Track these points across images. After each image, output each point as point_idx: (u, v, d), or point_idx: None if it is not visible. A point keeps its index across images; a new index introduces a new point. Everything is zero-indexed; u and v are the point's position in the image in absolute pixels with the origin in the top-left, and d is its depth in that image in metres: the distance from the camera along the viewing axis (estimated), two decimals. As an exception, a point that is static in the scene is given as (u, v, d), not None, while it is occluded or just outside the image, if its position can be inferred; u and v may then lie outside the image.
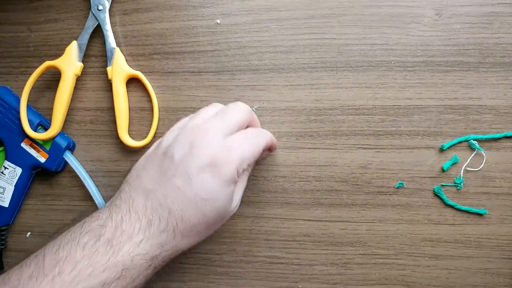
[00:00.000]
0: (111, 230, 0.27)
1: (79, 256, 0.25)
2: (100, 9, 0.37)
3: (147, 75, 0.38)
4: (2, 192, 0.38)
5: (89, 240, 0.26)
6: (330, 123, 0.36)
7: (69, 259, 0.25)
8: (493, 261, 0.36)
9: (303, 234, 0.37)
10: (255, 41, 0.37)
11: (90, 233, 0.27)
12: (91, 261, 0.25)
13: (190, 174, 0.28)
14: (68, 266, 0.25)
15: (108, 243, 0.26)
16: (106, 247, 0.26)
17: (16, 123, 0.37)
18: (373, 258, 0.36)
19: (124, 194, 0.30)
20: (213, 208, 0.29)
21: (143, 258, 0.27)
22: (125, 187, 0.30)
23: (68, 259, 0.25)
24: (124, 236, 0.27)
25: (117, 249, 0.26)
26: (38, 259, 0.26)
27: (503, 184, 0.35)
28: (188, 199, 0.28)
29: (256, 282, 0.38)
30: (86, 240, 0.26)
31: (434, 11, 0.35)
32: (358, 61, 0.36)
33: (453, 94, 0.35)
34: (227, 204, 0.29)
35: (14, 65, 0.39)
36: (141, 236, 0.27)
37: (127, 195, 0.29)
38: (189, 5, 0.37)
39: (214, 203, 0.28)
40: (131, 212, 0.28)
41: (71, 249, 0.26)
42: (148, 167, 0.30)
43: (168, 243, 0.28)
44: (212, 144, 0.29)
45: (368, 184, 0.36)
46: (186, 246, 0.30)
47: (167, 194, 0.28)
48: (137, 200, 0.29)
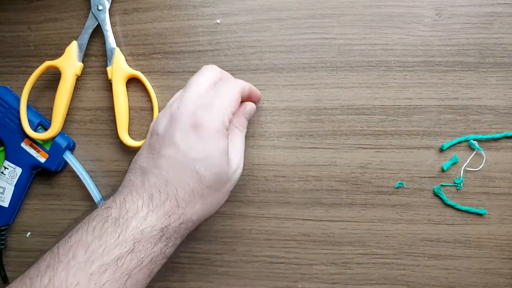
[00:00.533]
0: (116, 211, 0.28)
1: (90, 239, 0.26)
2: (100, 9, 0.37)
3: (147, 75, 0.38)
4: (2, 192, 0.38)
5: (97, 223, 0.27)
6: (330, 123, 0.36)
7: (81, 243, 0.26)
8: (493, 261, 0.36)
9: (303, 234, 0.37)
10: (255, 41, 0.37)
11: (97, 218, 0.28)
12: (101, 241, 0.26)
13: (176, 140, 0.29)
14: (81, 250, 0.26)
15: (116, 221, 0.27)
16: (114, 226, 0.27)
17: (16, 123, 0.37)
18: (373, 258, 0.37)
19: (125, 181, 0.31)
20: (207, 167, 0.29)
21: (152, 230, 0.27)
22: (125, 176, 0.31)
23: (80, 243, 0.26)
24: (130, 213, 0.27)
25: (125, 226, 0.27)
26: (52, 251, 0.27)
27: (503, 184, 0.35)
28: (180, 164, 0.29)
29: (256, 282, 0.38)
30: (95, 224, 0.27)
31: (434, 11, 0.35)
32: (358, 61, 0.36)
33: (453, 94, 0.35)
34: (223, 161, 0.30)
35: (14, 64, 0.39)
36: (145, 210, 0.28)
37: (127, 181, 0.30)
38: (189, 4, 0.37)
39: (207, 161, 0.29)
40: (132, 192, 0.29)
41: (81, 234, 0.27)
42: (141, 152, 0.32)
43: (173, 212, 0.29)
44: (188, 108, 0.30)
45: (368, 184, 0.36)
46: (195, 214, 0.30)
47: (160, 166, 0.29)
48: (135, 181, 0.30)
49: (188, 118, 0.29)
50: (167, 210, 0.28)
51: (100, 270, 0.25)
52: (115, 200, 0.29)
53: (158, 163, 0.29)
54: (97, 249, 0.26)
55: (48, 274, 0.25)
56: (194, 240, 0.38)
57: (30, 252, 0.39)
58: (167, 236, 0.28)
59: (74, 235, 0.27)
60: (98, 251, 0.26)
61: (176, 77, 0.38)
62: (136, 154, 0.32)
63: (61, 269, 0.25)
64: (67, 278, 0.24)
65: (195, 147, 0.29)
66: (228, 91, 0.31)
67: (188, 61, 0.37)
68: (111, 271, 0.25)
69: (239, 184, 0.37)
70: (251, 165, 0.37)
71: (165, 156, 0.29)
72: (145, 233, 0.27)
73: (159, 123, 0.31)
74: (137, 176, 0.30)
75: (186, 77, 0.37)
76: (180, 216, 0.29)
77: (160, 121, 0.31)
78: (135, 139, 0.38)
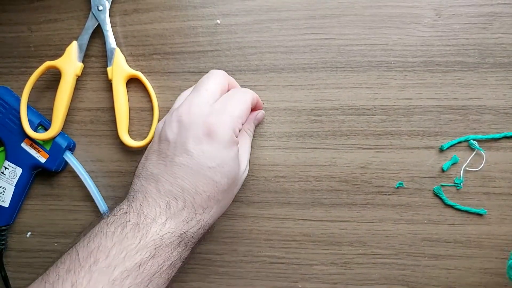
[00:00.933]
0: (135, 216, 0.28)
1: (110, 244, 0.26)
2: (100, 10, 0.37)
3: (147, 75, 0.38)
4: (2, 192, 0.38)
5: (116, 228, 0.27)
6: (330, 123, 0.36)
7: (101, 248, 0.26)
8: (493, 261, 0.36)
9: (303, 234, 0.37)
10: (255, 42, 0.37)
11: (115, 223, 0.27)
12: (122, 246, 0.26)
13: (189, 148, 0.29)
14: (102, 255, 0.26)
15: (135, 227, 0.27)
16: (134, 231, 0.27)
17: (16, 123, 0.37)
18: (373, 258, 0.37)
19: (136, 186, 0.30)
20: (222, 174, 0.29)
21: (171, 236, 0.28)
22: (135, 180, 0.31)
23: (100, 248, 0.26)
24: (148, 219, 0.28)
25: (145, 232, 0.27)
26: (71, 255, 0.26)
27: (503, 184, 0.35)
28: (196, 172, 0.29)
29: (256, 282, 0.38)
30: (113, 229, 0.27)
31: (433, 12, 0.35)
32: (358, 62, 0.36)
33: (452, 94, 0.35)
34: (235, 166, 0.30)
35: (15, 65, 0.39)
36: (164, 217, 0.28)
37: (139, 186, 0.30)
38: (189, 5, 0.37)
39: (221, 169, 0.29)
40: (148, 198, 0.29)
41: (101, 239, 0.26)
42: (149, 157, 0.31)
43: (191, 219, 0.29)
44: (200, 115, 0.29)
45: (368, 184, 0.36)
46: (211, 218, 0.30)
47: (174, 174, 0.29)
48: (149, 187, 0.29)
49: (201, 125, 0.29)
50: (185, 217, 0.29)
51: (122, 276, 0.25)
52: (131, 206, 0.28)
53: (172, 170, 0.29)
54: (118, 254, 0.26)
55: (70, 279, 0.25)
56: (194, 240, 0.38)
57: (30, 253, 0.39)
58: (185, 241, 0.29)
59: (93, 240, 0.27)
60: (120, 257, 0.26)
61: (176, 78, 0.38)
62: (143, 158, 0.32)
63: (83, 274, 0.25)
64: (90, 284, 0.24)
65: (210, 155, 0.29)
66: (241, 100, 0.31)
67: (188, 61, 0.37)
68: (133, 277, 0.25)
69: (239, 184, 0.37)
70: (251, 165, 0.37)
71: (179, 164, 0.29)
72: (164, 239, 0.27)
73: (169, 129, 0.30)
74: (150, 182, 0.30)
75: (186, 78, 0.37)
76: (198, 222, 0.29)
77: (170, 126, 0.30)
78: (135, 139, 0.38)
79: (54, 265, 0.27)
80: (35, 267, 0.39)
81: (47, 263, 0.39)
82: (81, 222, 0.39)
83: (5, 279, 0.39)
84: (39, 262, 0.39)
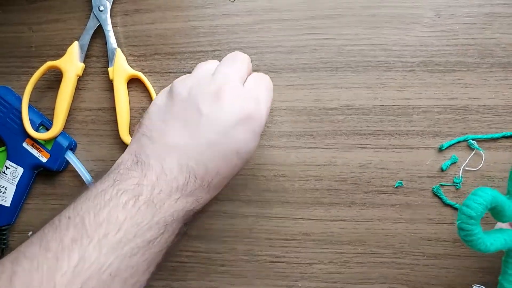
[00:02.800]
0: (149, 189, 0.26)
1: (121, 217, 0.25)
2: (101, 10, 0.37)
3: (148, 76, 0.38)
4: (3, 191, 0.38)
5: (128, 200, 0.25)
6: (330, 123, 0.37)
7: (112, 220, 0.24)
8: (492, 260, 0.36)
9: (303, 233, 0.37)
10: (256, 42, 0.37)
11: (126, 193, 0.25)
12: (134, 221, 0.25)
13: (225, 128, 0.27)
14: (112, 228, 0.24)
15: (149, 202, 0.26)
16: (147, 206, 0.25)
17: (17, 123, 0.37)
18: (372, 257, 0.37)
19: (150, 150, 0.28)
20: (244, 159, 0.29)
21: (180, 213, 0.27)
22: (146, 141, 0.28)
23: (111, 220, 0.24)
24: (163, 194, 0.26)
25: (158, 207, 0.26)
26: (75, 222, 0.24)
27: (502, 183, 0.35)
28: (223, 154, 0.28)
29: (256, 281, 0.38)
30: (125, 200, 0.25)
31: (433, 12, 0.36)
32: (357, 62, 0.36)
33: (452, 94, 0.36)
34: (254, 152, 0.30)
35: (16, 65, 0.39)
36: (178, 194, 0.27)
37: (155, 153, 0.28)
38: (190, 5, 0.38)
39: (246, 155, 0.29)
40: (166, 171, 0.27)
41: (111, 210, 0.25)
42: (170, 121, 0.28)
43: (203, 198, 0.28)
44: (238, 95, 0.28)
45: (368, 183, 0.36)
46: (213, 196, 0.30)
47: (202, 152, 0.27)
48: (169, 159, 0.27)
49: (240, 107, 0.28)
50: (198, 196, 0.28)
51: (133, 252, 0.24)
52: (146, 176, 0.26)
53: (199, 147, 0.27)
54: (130, 229, 0.24)
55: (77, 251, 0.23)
56: (195, 239, 0.38)
57: (31, 252, 0.40)
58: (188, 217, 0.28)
59: (102, 210, 0.25)
60: (131, 233, 0.24)
61: (177, 78, 0.38)
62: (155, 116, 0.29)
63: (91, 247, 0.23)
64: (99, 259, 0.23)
65: (242, 141, 0.28)
66: (270, 86, 0.32)
67: (189, 61, 0.38)
68: (141, 253, 0.25)
69: (240, 184, 0.37)
70: (251, 164, 0.37)
71: (210, 142, 0.27)
72: (174, 215, 0.26)
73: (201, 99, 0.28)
74: (171, 153, 0.27)
75: (187, 78, 0.38)
76: (206, 200, 0.29)
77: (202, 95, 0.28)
78: (136, 139, 0.38)
79: (54, 227, 0.25)
80: (37, 266, 0.39)
81: (48, 262, 0.39)
82: (82, 221, 0.39)
83: (6, 278, 0.39)
84: (41, 261, 0.39)
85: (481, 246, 0.26)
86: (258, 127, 0.29)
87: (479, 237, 0.25)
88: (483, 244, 0.26)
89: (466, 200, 0.25)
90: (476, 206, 0.24)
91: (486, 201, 0.24)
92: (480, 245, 0.25)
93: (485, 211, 0.25)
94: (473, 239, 0.25)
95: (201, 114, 0.28)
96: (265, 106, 0.30)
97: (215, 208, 0.38)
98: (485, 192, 0.24)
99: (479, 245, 0.25)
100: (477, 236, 0.25)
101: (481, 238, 0.25)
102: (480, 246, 0.26)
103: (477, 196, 0.24)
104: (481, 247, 0.26)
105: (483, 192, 0.24)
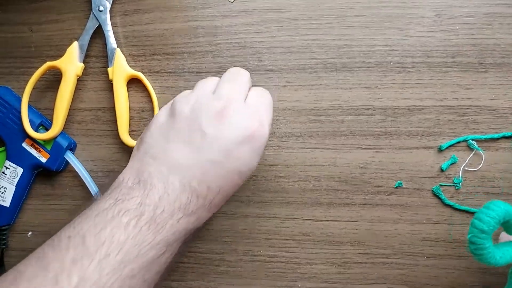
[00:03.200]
0: (151, 209, 0.26)
1: (123, 238, 0.24)
2: (101, 10, 0.37)
3: (148, 76, 0.38)
4: (3, 192, 0.38)
5: (130, 220, 0.25)
6: (329, 124, 0.37)
7: (113, 240, 0.24)
8: (492, 260, 0.36)
9: (302, 234, 0.37)
10: (255, 42, 0.37)
11: (128, 213, 0.25)
12: (136, 241, 0.25)
13: (228, 148, 0.27)
14: (114, 249, 0.24)
15: (151, 222, 0.25)
16: (149, 226, 0.25)
17: (17, 123, 0.37)
18: (372, 258, 0.37)
19: (153, 169, 0.28)
20: (245, 177, 0.29)
21: (182, 232, 0.27)
22: (148, 160, 0.28)
23: (112, 240, 0.24)
24: (165, 214, 0.26)
25: (160, 227, 0.26)
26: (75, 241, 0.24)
27: (502, 184, 0.35)
28: (226, 173, 0.28)
29: (256, 281, 0.38)
30: (127, 221, 0.25)
31: (433, 12, 0.36)
32: (357, 62, 0.36)
33: (452, 95, 0.36)
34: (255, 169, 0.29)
35: (16, 65, 0.39)
36: (181, 214, 0.27)
37: (158, 172, 0.27)
38: (189, 6, 0.38)
39: (248, 173, 0.29)
40: (168, 191, 0.27)
41: (112, 230, 0.24)
42: (173, 140, 0.28)
43: (204, 217, 0.28)
44: (241, 114, 0.28)
45: (367, 184, 0.36)
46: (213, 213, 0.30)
47: (205, 171, 0.27)
48: (172, 179, 0.27)
49: (243, 127, 0.28)
50: (200, 215, 0.28)
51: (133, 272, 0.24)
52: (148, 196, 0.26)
53: (203, 167, 0.27)
54: (132, 250, 0.24)
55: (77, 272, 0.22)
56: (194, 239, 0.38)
57: (31, 252, 0.39)
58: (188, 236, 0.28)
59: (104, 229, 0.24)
60: (133, 253, 0.24)
61: (177, 78, 0.38)
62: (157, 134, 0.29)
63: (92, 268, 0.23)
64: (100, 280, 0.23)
65: (245, 160, 0.28)
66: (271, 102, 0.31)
67: (189, 62, 0.38)
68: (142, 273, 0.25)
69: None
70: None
71: (213, 162, 0.27)
72: (176, 235, 0.26)
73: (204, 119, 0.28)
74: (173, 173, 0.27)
75: (187, 78, 0.38)
76: (206, 218, 0.29)
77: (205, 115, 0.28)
78: (135, 139, 0.38)
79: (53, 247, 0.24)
80: (36, 266, 0.39)
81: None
82: (81, 221, 0.39)
83: (6, 278, 0.39)
84: (40, 261, 0.39)
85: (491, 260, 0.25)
86: (261, 145, 0.28)
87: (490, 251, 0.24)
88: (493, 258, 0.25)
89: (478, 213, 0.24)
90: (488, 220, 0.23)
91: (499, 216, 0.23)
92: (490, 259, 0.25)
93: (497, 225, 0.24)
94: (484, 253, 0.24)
95: (204, 133, 0.27)
96: (268, 123, 0.29)
97: (215, 209, 0.38)
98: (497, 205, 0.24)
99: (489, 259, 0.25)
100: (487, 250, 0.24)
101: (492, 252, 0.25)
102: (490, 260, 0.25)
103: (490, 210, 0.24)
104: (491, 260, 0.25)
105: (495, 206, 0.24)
